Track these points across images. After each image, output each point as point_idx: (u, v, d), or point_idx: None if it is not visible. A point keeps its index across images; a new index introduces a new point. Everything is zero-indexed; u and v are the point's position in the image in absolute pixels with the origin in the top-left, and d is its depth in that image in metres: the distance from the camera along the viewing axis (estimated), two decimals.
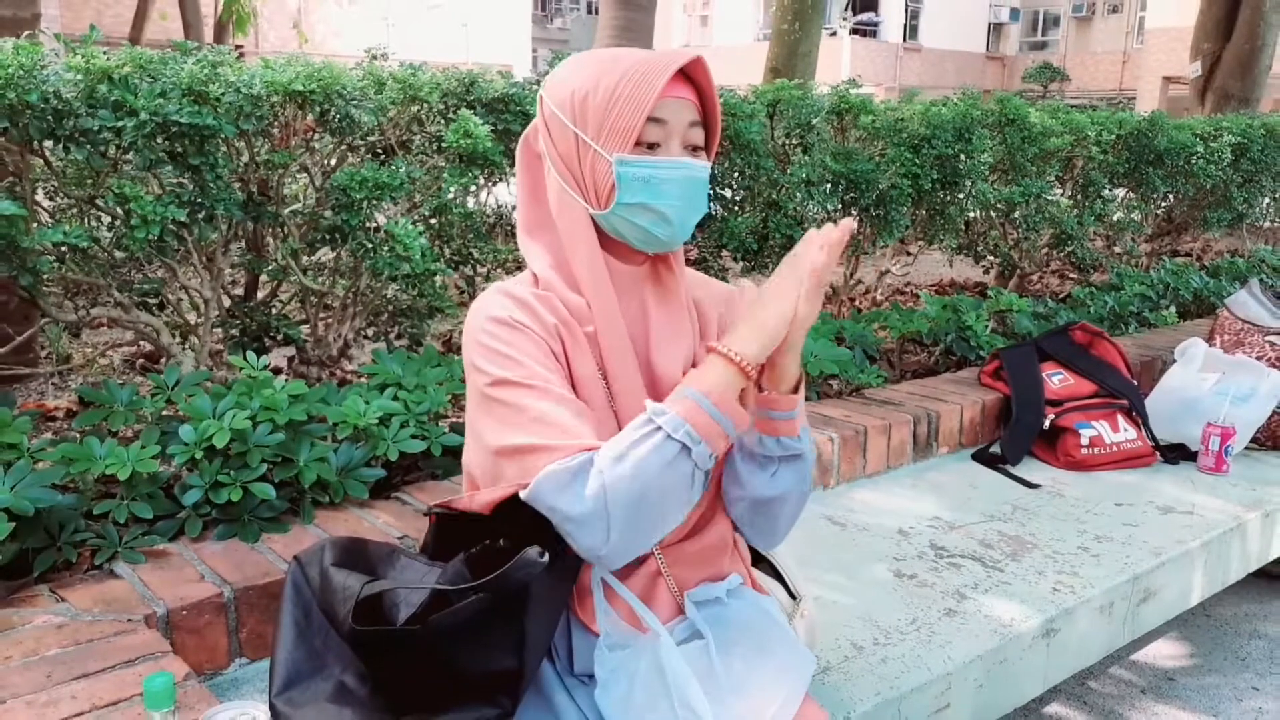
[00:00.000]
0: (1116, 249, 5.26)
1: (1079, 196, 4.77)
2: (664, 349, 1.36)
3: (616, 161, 1.26)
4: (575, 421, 1.22)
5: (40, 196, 2.44)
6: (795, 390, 1.33)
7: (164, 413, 2.12)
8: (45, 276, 2.19)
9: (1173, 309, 4.50)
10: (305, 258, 2.74)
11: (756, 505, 1.41)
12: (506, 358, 1.26)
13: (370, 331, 2.96)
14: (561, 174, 1.32)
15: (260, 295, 2.91)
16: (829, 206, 3.69)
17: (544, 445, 1.20)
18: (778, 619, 1.44)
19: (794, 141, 3.69)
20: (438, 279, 2.71)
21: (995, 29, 38.05)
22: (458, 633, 1.20)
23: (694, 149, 1.31)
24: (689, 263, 1.43)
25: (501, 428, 1.24)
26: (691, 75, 1.30)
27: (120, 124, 2.14)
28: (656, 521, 1.22)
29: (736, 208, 3.58)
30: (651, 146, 1.28)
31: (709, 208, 1.41)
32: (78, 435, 2.07)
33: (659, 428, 1.18)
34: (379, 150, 2.79)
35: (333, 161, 2.71)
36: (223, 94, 2.25)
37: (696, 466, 1.20)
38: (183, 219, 2.27)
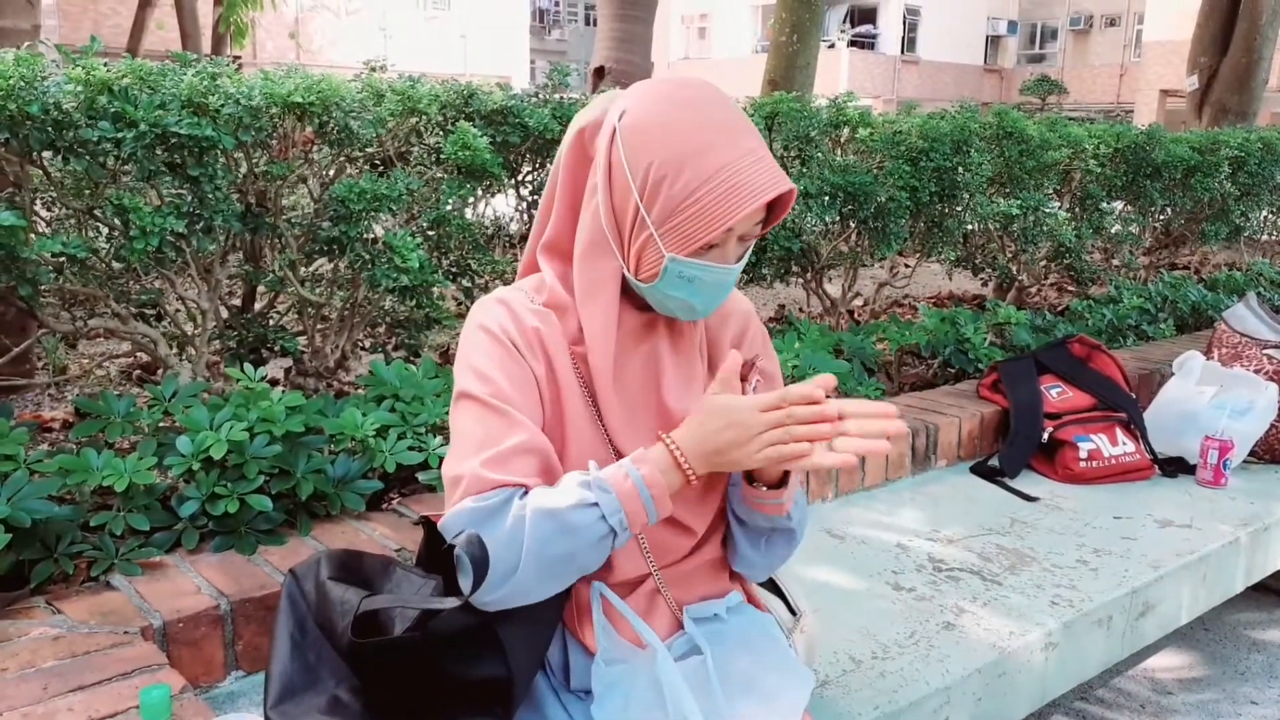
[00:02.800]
0: (1115, 262, 5.26)
1: (1077, 209, 4.78)
2: (677, 390, 1.34)
3: (669, 259, 1.21)
4: (518, 458, 1.21)
5: (38, 207, 2.44)
6: (780, 484, 1.31)
7: (161, 424, 2.12)
8: (43, 287, 2.19)
9: (1170, 322, 4.50)
10: (303, 269, 2.74)
11: (748, 563, 1.43)
12: (481, 374, 1.25)
13: (368, 343, 2.97)
14: (608, 223, 1.26)
15: (258, 306, 2.91)
16: (827, 219, 3.70)
17: (475, 476, 1.20)
18: (777, 637, 1.44)
19: (792, 154, 3.70)
20: (435, 290, 2.71)
21: (993, 41, 38.21)
22: (451, 640, 1.20)
23: (745, 239, 1.26)
24: None
25: (456, 447, 1.25)
26: None
27: (120, 135, 2.14)
28: (553, 584, 1.21)
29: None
30: (710, 247, 1.23)
31: None
32: (74, 446, 2.07)
33: (596, 504, 1.17)
34: (377, 162, 2.80)
35: (331, 173, 2.71)
36: (222, 105, 2.26)
37: (615, 547, 1.21)
38: (181, 230, 2.27)
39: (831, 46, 30.80)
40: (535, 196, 3.24)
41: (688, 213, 1.18)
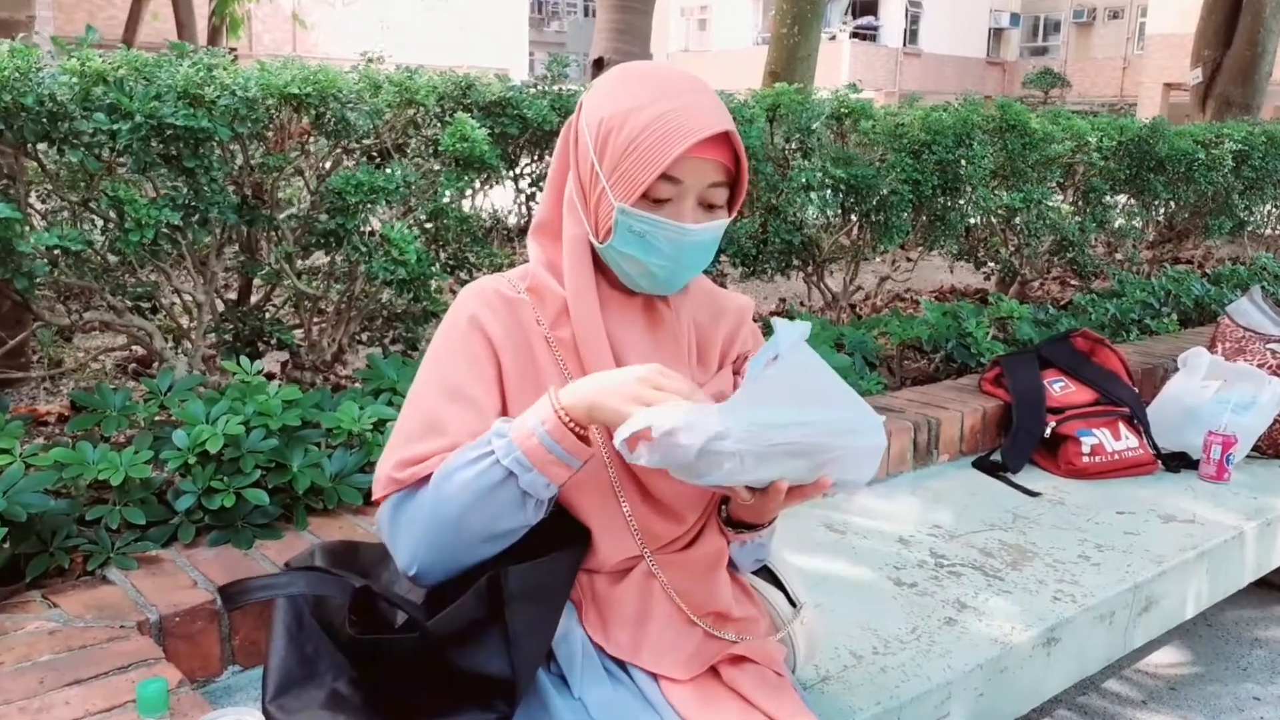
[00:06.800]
0: (1118, 256, 5.25)
1: (1080, 203, 4.76)
2: None
3: (618, 210, 1.23)
4: (436, 453, 1.23)
5: (34, 199, 2.43)
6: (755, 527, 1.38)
7: (157, 418, 2.11)
8: (38, 280, 2.18)
9: (1174, 316, 4.49)
10: (299, 261, 2.73)
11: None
12: (436, 363, 1.30)
13: (364, 336, 2.95)
14: (576, 189, 1.30)
15: (254, 299, 2.90)
16: (829, 212, 3.68)
17: (387, 479, 1.24)
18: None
19: (794, 146, 3.68)
20: (433, 283, 2.69)
21: (996, 34, 38.12)
22: (453, 635, 1.19)
23: (711, 207, 1.27)
24: None
25: (392, 437, 1.28)
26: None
27: (115, 126, 2.13)
28: (476, 542, 1.21)
29: (735, 213, 3.56)
30: (661, 201, 1.24)
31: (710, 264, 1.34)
32: (70, 440, 2.06)
33: (492, 451, 1.17)
34: (374, 154, 2.78)
35: (328, 165, 2.70)
36: (218, 97, 2.24)
37: (527, 494, 1.17)
38: (177, 222, 2.26)
39: (833, 38, 30.71)
40: (533, 189, 3.23)
41: (630, 159, 1.22)
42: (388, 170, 2.58)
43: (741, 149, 1.26)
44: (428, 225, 2.78)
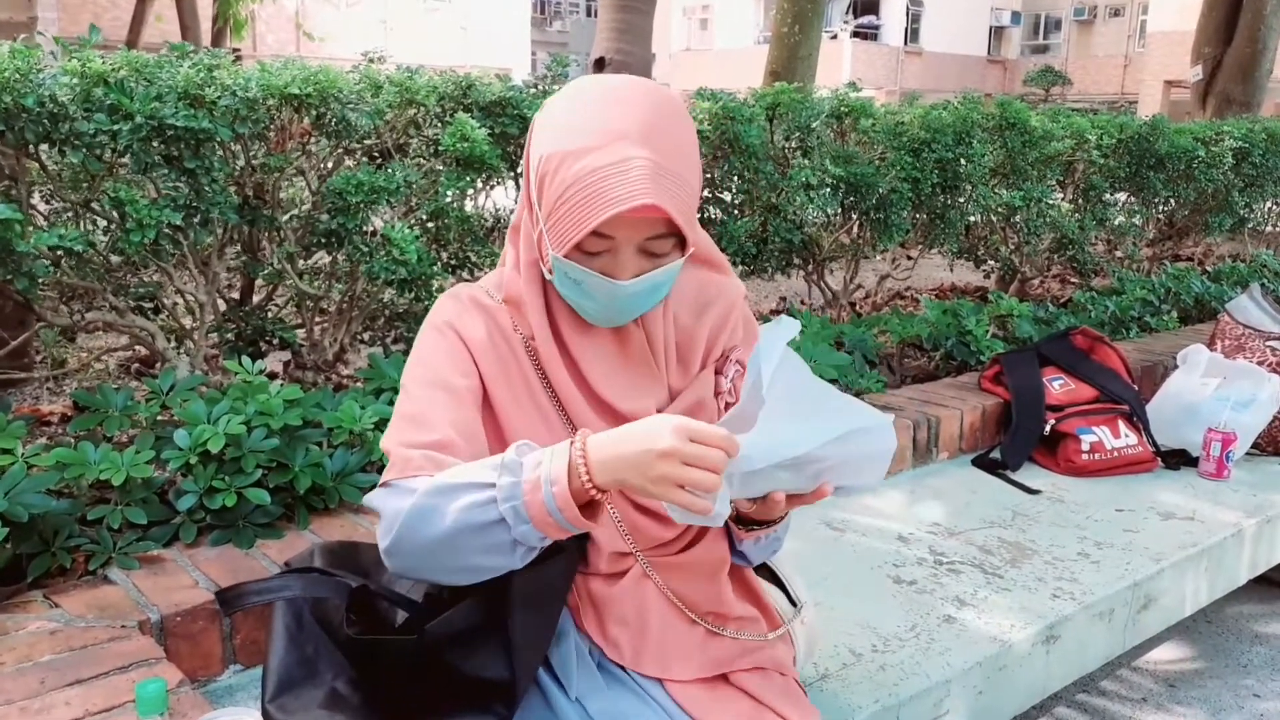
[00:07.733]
0: (1118, 253, 5.25)
1: (1080, 201, 4.76)
2: (628, 392, 1.30)
3: (553, 258, 1.19)
4: (436, 444, 1.20)
5: (36, 200, 2.43)
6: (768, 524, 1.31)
7: (159, 418, 2.11)
8: (40, 280, 2.19)
9: (1174, 314, 4.49)
10: (301, 262, 2.73)
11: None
12: (422, 363, 1.27)
13: (366, 336, 2.95)
14: (527, 217, 1.26)
15: (256, 299, 2.90)
16: (829, 210, 3.68)
17: (399, 456, 1.20)
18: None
19: (794, 145, 3.68)
20: (434, 283, 2.70)
21: (996, 32, 38.09)
22: (452, 639, 1.19)
23: (654, 254, 1.19)
24: None
25: (390, 427, 1.26)
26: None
27: (116, 127, 2.13)
28: (451, 569, 1.14)
29: (736, 211, 3.57)
30: (596, 253, 1.18)
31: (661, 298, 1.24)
32: (72, 440, 2.06)
33: (493, 485, 1.09)
34: (375, 154, 2.78)
35: (329, 165, 2.70)
36: (219, 97, 2.25)
37: (517, 542, 1.10)
38: (178, 223, 2.26)
39: (834, 37, 30.66)
40: None
41: (560, 211, 1.15)
42: (389, 170, 2.59)
43: (677, 214, 1.14)
44: (429, 225, 2.79)
